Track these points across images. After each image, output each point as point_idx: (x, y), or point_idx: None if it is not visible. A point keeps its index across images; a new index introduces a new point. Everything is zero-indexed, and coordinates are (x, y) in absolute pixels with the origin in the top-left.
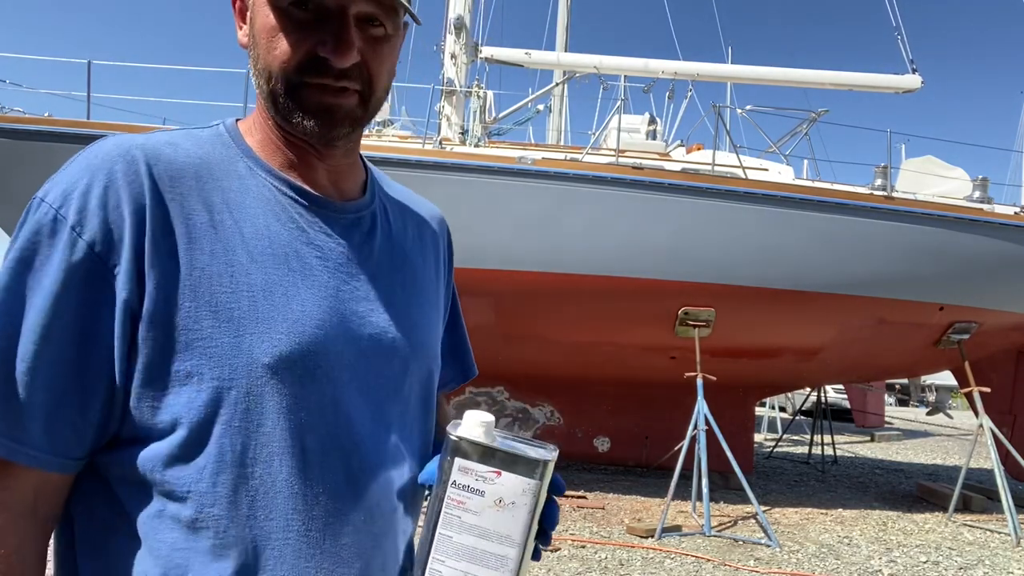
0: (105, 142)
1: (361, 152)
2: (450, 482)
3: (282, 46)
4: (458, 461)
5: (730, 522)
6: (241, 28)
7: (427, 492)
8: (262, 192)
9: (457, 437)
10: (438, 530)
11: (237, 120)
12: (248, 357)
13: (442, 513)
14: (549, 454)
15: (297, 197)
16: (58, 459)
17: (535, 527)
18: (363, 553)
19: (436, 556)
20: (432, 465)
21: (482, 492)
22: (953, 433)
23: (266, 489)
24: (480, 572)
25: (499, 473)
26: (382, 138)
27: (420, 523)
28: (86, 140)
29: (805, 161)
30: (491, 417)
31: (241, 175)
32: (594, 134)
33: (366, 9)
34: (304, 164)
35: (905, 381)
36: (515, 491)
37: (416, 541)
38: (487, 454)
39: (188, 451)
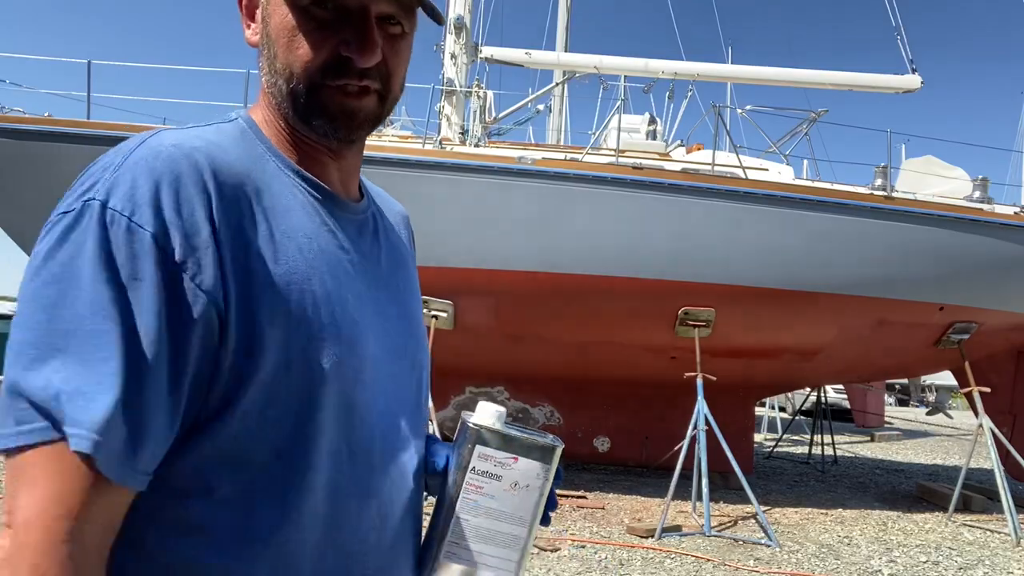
0: (158, 142)
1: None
2: (469, 468)
3: (304, 46)
4: (478, 448)
5: (730, 522)
6: (250, 27)
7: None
8: (296, 194)
9: (477, 426)
10: (455, 513)
11: (248, 111)
12: (314, 364)
13: (460, 497)
14: (558, 442)
15: (322, 198)
16: (148, 478)
17: (543, 507)
18: (389, 539)
19: (452, 539)
20: (442, 454)
21: (499, 477)
22: (953, 433)
23: (308, 487)
24: (493, 551)
25: (516, 459)
26: (382, 138)
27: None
28: (86, 140)
29: (805, 161)
30: (503, 408)
31: (276, 175)
32: (594, 134)
33: (386, 9)
34: (317, 163)
35: (905, 381)
36: (530, 475)
37: (430, 524)
38: (506, 441)
39: (246, 455)
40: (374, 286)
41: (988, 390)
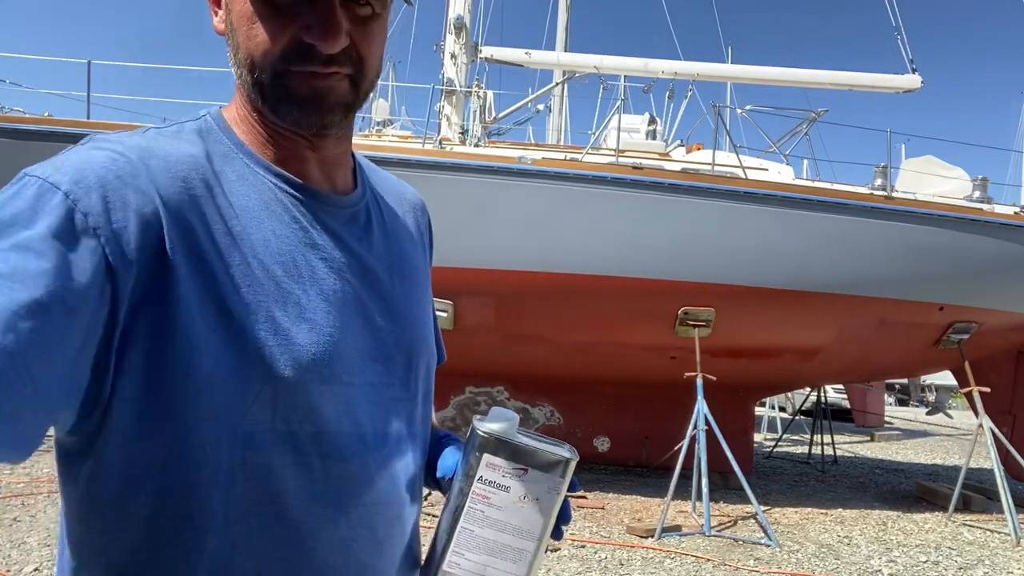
0: (103, 140)
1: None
2: (476, 477)
3: (264, 33)
4: (486, 457)
5: (730, 522)
6: (216, 14)
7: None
8: (262, 192)
9: (487, 433)
10: (460, 523)
11: (221, 108)
12: (268, 368)
13: (466, 507)
14: (573, 454)
15: (295, 193)
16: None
17: (553, 522)
18: (374, 550)
19: (456, 549)
20: (450, 459)
21: (508, 488)
22: (953, 433)
23: (280, 496)
24: (499, 565)
25: (526, 470)
26: (382, 138)
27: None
28: None
29: (805, 161)
30: (516, 415)
31: (240, 174)
32: (594, 134)
33: None
34: (296, 157)
35: (905, 381)
36: (540, 488)
37: (435, 533)
38: (516, 451)
39: (201, 461)
40: (357, 283)
41: (988, 390)
